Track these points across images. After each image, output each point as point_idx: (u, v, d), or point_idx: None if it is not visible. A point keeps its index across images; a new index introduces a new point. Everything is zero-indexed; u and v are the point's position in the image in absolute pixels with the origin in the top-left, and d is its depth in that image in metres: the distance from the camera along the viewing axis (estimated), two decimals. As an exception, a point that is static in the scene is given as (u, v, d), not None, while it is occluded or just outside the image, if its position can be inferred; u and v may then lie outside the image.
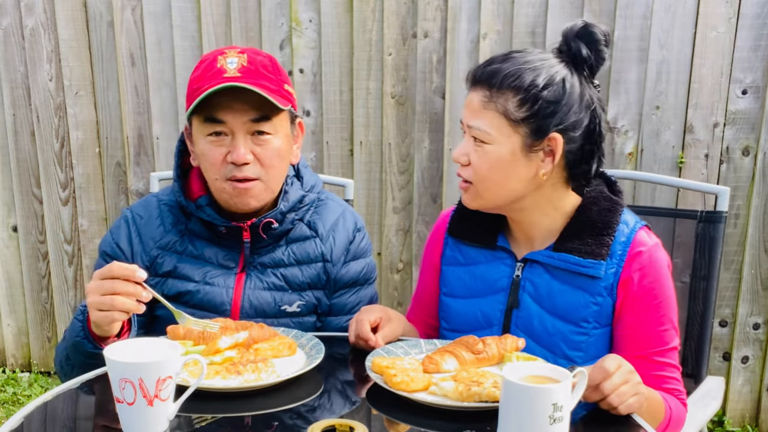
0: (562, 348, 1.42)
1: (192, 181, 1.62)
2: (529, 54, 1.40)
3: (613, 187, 1.49)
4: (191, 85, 1.52)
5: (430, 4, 2.76)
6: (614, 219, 1.42)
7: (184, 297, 1.58)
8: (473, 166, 1.41)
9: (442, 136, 2.85)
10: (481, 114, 1.38)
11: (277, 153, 1.52)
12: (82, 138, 3.08)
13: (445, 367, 1.31)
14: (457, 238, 1.57)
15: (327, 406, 1.27)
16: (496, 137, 1.37)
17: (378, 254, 3.00)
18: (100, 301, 1.27)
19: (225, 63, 1.48)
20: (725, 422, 2.91)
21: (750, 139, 2.70)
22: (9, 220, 3.23)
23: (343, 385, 1.38)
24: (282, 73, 1.54)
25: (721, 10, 2.60)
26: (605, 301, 1.41)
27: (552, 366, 1.12)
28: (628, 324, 1.41)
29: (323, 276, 1.64)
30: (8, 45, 3.02)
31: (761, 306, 2.81)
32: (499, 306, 1.50)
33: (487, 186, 1.41)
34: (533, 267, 1.47)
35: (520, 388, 1.05)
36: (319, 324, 1.67)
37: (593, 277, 1.40)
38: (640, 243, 1.41)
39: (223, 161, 1.49)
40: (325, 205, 1.69)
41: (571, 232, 1.43)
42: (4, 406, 3.10)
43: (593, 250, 1.40)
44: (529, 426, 1.05)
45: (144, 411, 1.08)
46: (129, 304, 1.27)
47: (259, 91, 1.45)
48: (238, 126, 1.48)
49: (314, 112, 2.91)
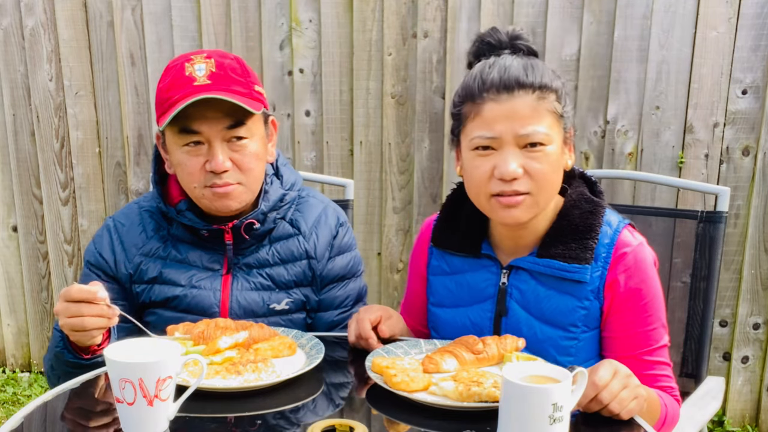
0: (552, 354, 1.42)
1: (171, 186, 1.61)
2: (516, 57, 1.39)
3: (594, 188, 1.47)
4: (160, 94, 1.49)
5: (430, 4, 2.76)
6: (597, 221, 1.40)
7: (172, 302, 1.58)
8: (532, 173, 1.33)
9: (442, 136, 2.85)
10: (533, 119, 1.32)
11: (255, 156, 1.52)
12: (82, 138, 3.08)
13: (444, 367, 1.31)
14: (440, 248, 1.55)
15: (327, 406, 1.27)
16: (553, 136, 1.35)
17: (378, 254, 3.00)
18: (71, 324, 1.29)
19: (193, 70, 1.45)
20: (725, 422, 2.91)
21: (750, 139, 2.70)
22: (9, 220, 3.23)
23: (343, 385, 1.38)
24: (251, 75, 1.53)
25: (721, 10, 2.60)
26: (592, 304, 1.40)
27: (552, 366, 1.11)
28: (616, 326, 1.41)
29: (308, 273, 1.64)
30: (8, 45, 3.02)
31: (761, 306, 2.81)
32: (487, 314, 1.49)
33: (546, 191, 1.37)
34: (518, 273, 1.45)
35: (520, 388, 1.05)
36: (309, 321, 1.68)
37: (579, 282, 1.39)
38: (624, 244, 1.39)
39: (202, 170, 1.48)
40: (306, 202, 1.69)
41: (554, 238, 1.41)
42: (4, 406, 3.10)
43: (577, 255, 1.38)
44: (529, 426, 1.04)
45: (144, 411, 1.08)
46: (100, 322, 1.29)
47: (232, 99, 1.43)
48: (213, 134, 1.46)
49: (314, 112, 2.91)
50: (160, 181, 1.62)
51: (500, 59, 1.38)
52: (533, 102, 1.32)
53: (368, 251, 2.99)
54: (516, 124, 1.32)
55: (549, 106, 1.34)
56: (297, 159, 2.95)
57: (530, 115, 1.32)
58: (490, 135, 1.33)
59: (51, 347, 1.47)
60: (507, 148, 1.33)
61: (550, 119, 1.34)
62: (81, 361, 1.38)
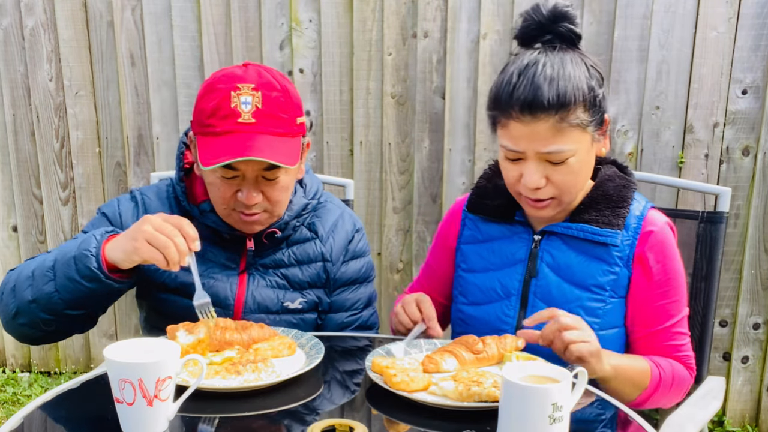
0: (580, 314, 1.46)
1: (195, 184, 1.62)
2: (548, 62, 1.39)
3: (625, 170, 1.58)
4: (201, 115, 1.48)
5: (430, 4, 2.76)
6: (629, 194, 1.51)
7: (188, 288, 1.54)
8: (555, 183, 1.43)
9: (442, 136, 2.85)
10: (556, 139, 1.39)
11: (285, 189, 1.54)
12: (82, 138, 3.08)
13: (444, 367, 1.31)
14: (476, 214, 1.63)
15: (327, 407, 1.27)
16: (575, 149, 1.41)
17: (378, 254, 3.00)
18: (155, 237, 1.31)
19: (239, 103, 1.45)
20: (725, 422, 2.91)
21: (750, 139, 2.70)
22: (9, 220, 3.23)
23: (342, 386, 1.38)
24: (294, 106, 1.52)
25: (721, 10, 2.60)
26: (621, 271, 1.48)
27: (552, 366, 1.12)
28: (642, 302, 1.49)
29: (323, 275, 1.66)
30: (8, 45, 3.02)
31: (761, 306, 2.81)
32: (517, 276, 1.55)
33: (571, 192, 1.47)
34: (550, 239, 1.53)
35: (520, 388, 1.05)
36: (319, 321, 1.69)
37: (609, 245, 1.48)
38: (652, 221, 1.51)
39: (233, 196, 1.50)
40: (324, 207, 1.71)
41: (588, 206, 1.51)
42: (4, 406, 3.10)
43: (610, 221, 1.48)
44: (529, 426, 1.04)
45: (144, 411, 1.07)
46: (176, 256, 1.31)
47: (272, 159, 1.43)
48: (249, 172, 1.48)
49: (314, 112, 2.91)
50: (185, 175, 1.61)
51: (531, 68, 1.39)
52: (556, 123, 1.38)
53: (368, 251, 2.99)
54: (539, 144, 1.40)
55: (573, 121, 1.39)
56: (297, 159, 2.95)
57: (553, 135, 1.39)
58: (515, 149, 1.42)
59: (66, 249, 1.41)
60: (531, 161, 1.42)
61: (575, 133, 1.40)
62: (100, 273, 1.35)
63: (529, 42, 1.46)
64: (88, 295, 1.39)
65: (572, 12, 1.43)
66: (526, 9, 1.46)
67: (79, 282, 1.37)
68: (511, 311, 1.55)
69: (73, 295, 1.39)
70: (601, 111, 1.44)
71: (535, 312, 1.43)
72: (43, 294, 1.41)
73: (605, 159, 1.59)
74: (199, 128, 1.50)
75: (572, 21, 1.43)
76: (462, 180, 2.88)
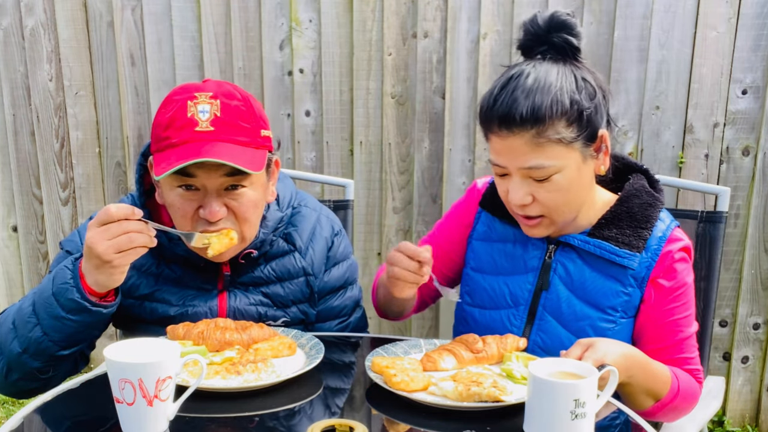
0: (589, 334, 1.44)
1: (163, 211, 1.52)
2: (532, 73, 1.35)
3: (655, 185, 1.52)
4: (158, 129, 1.39)
5: (430, 4, 2.76)
6: (654, 214, 1.45)
7: (166, 322, 1.48)
8: (542, 201, 1.39)
9: (442, 136, 2.85)
10: (534, 154, 1.34)
11: (253, 204, 1.43)
12: (82, 138, 3.08)
13: (443, 365, 1.31)
14: (490, 212, 1.58)
15: (327, 406, 1.27)
16: (559, 165, 1.36)
17: (378, 254, 3.00)
18: (117, 243, 1.22)
19: (196, 111, 1.35)
20: (725, 422, 2.91)
21: (750, 139, 2.70)
22: (9, 220, 3.23)
23: (343, 385, 1.38)
24: (257, 117, 1.42)
25: (721, 10, 2.60)
26: (635, 292, 1.44)
27: (581, 363, 1.12)
28: (654, 318, 1.45)
29: (306, 290, 1.60)
30: (8, 45, 3.01)
31: (761, 306, 2.81)
32: (527, 286, 1.51)
33: (562, 211, 1.41)
34: (566, 251, 1.49)
35: (543, 383, 1.06)
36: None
37: (626, 267, 1.43)
38: (674, 241, 1.44)
39: (194, 215, 1.40)
40: (299, 213, 1.63)
41: (610, 221, 1.45)
42: (4, 406, 3.10)
43: (630, 242, 1.43)
44: (550, 421, 1.06)
45: (144, 411, 1.08)
46: (145, 238, 1.24)
47: (232, 162, 1.33)
48: (210, 182, 1.37)
49: (314, 112, 2.91)
50: (147, 200, 1.52)
51: (513, 81, 1.35)
52: (532, 138, 1.33)
53: (368, 251, 2.99)
54: (518, 160, 1.36)
55: (553, 136, 1.33)
56: (297, 159, 2.95)
57: (531, 150, 1.34)
58: (498, 163, 1.40)
59: (42, 288, 1.34)
60: (515, 176, 1.38)
61: (557, 149, 1.34)
62: (86, 303, 1.29)
63: (528, 53, 1.42)
64: (77, 330, 1.33)
65: (571, 20, 1.38)
66: (524, 20, 1.42)
67: (66, 318, 1.31)
68: (517, 321, 1.51)
69: (63, 333, 1.33)
70: (591, 126, 1.37)
71: (542, 324, 1.44)
72: (31, 341, 1.34)
73: (635, 166, 1.54)
74: (156, 144, 1.39)
75: (571, 30, 1.38)
76: (462, 180, 2.88)
